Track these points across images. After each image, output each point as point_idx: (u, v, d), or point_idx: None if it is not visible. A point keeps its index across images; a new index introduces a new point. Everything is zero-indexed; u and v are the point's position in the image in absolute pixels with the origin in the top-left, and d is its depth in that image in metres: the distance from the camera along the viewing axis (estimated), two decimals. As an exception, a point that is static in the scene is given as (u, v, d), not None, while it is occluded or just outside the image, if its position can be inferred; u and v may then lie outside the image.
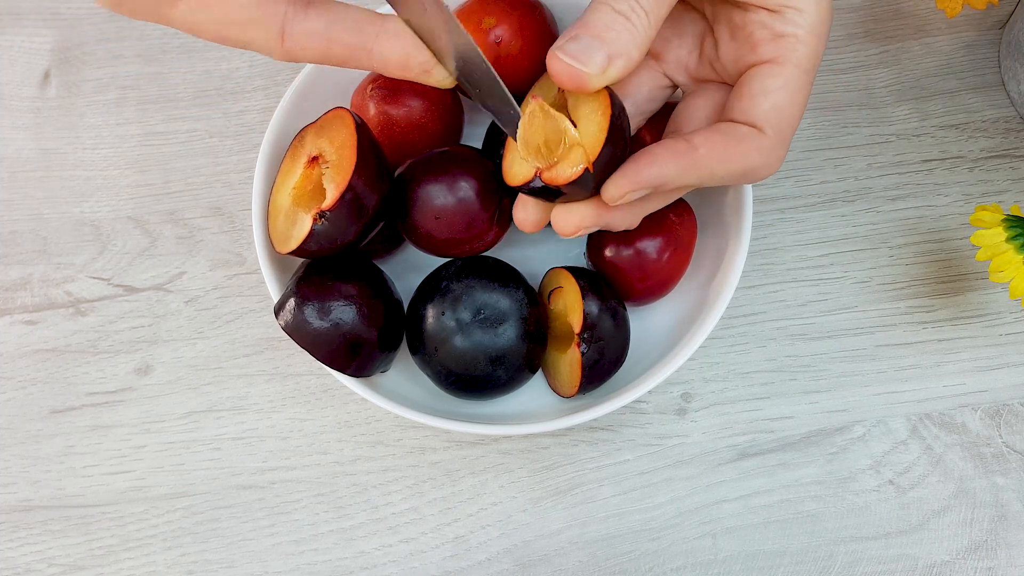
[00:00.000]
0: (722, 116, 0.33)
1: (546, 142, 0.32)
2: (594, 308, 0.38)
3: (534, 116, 0.32)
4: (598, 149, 0.30)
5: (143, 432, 0.44)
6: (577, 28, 0.29)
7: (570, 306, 0.38)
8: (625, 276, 0.40)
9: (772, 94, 0.31)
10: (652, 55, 0.36)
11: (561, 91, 0.33)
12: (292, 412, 0.44)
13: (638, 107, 0.36)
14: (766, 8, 0.30)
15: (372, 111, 0.41)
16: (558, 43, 0.29)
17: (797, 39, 0.30)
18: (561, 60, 0.28)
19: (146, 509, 0.42)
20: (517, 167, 0.33)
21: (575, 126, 0.31)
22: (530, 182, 0.32)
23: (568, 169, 0.31)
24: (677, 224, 0.40)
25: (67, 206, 0.48)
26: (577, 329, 0.37)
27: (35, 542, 0.42)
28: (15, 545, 0.42)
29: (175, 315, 0.45)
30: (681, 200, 0.41)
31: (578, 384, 0.38)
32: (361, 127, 0.35)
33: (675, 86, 0.37)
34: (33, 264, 0.47)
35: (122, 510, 0.42)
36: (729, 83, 0.34)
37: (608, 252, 0.40)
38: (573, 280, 0.38)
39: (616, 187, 0.30)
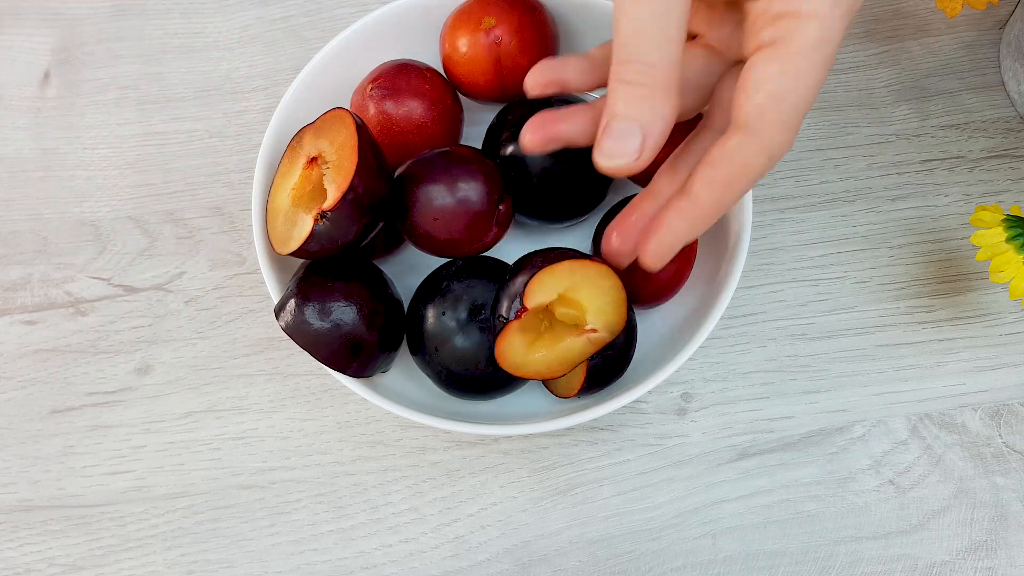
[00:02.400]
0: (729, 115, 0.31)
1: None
2: None
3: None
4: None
5: (143, 432, 0.44)
6: (604, 116, 0.29)
7: None
8: (631, 280, 0.40)
9: (767, 84, 0.28)
10: (691, 34, 0.35)
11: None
12: (292, 412, 0.44)
13: (694, 84, 0.35)
14: None
15: (372, 111, 0.41)
16: (597, 142, 0.30)
17: (798, 18, 0.28)
18: (603, 164, 0.30)
19: (146, 509, 0.42)
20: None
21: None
22: None
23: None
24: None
25: (67, 206, 0.48)
26: None
27: (35, 542, 0.42)
28: (15, 545, 0.42)
29: (175, 315, 0.45)
30: None
31: (578, 388, 0.38)
32: (361, 127, 0.35)
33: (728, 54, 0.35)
34: (33, 264, 0.47)
35: (122, 510, 0.42)
36: None
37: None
38: None
39: (653, 263, 0.32)
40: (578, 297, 0.35)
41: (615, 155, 0.29)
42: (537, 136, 0.33)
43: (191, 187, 0.48)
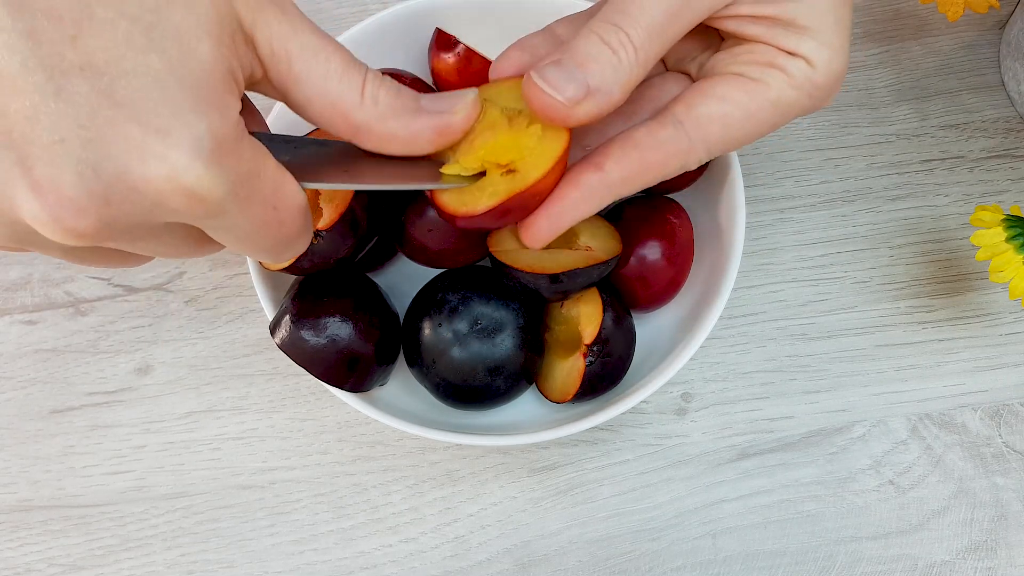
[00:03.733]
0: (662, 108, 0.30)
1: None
2: (610, 323, 0.37)
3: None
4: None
5: (143, 432, 0.44)
6: (561, 52, 0.27)
7: (586, 316, 0.38)
8: (630, 286, 0.40)
9: (728, 104, 0.28)
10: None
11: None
12: (292, 412, 0.44)
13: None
14: (781, 49, 0.28)
15: None
16: (539, 65, 0.27)
17: (791, 80, 0.28)
18: (535, 85, 0.26)
19: (146, 509, 0.42)
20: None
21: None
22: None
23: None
24: (677, 225, 0.40)
25: (67, 206, 0.48)
26: (588, 341, 0.37)
27: (35, 542, 0.42)
28: (15, 545, 0.42)
29: (175, 315, 0.45)
30: (676, 204, 0.41)
31: (573, 393, 0.38)
32: None
33: None
34: (33, 264, 0.47)
35: (122, 510, 0.42)
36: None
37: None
38: (596, 290, 0.38)
39: (537, 238, 0.29)
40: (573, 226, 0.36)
41: (549, 85, 0.26)
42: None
43: (191, 187, 0.48)
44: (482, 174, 0.28)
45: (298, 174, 0.26)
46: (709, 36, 0.31)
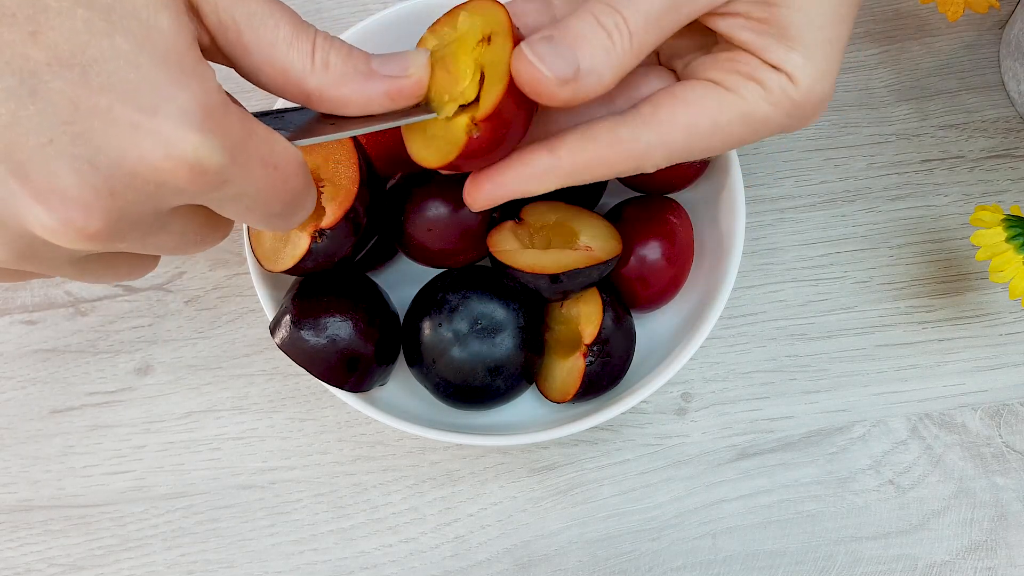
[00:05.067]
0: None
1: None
2: (610, 323, 0.37)
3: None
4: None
5: (143, 432, 0.44)
6: (554, 28, 0.26)
7: (585, 315, 0.38)
8: (630, 286, 0.40)
9: (696, 111, 0.27)
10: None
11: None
12: (292, 412, 0.44)
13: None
14: (766, 61, 0.27)
15: None
16: (531, 38, 0.26)
17: (768, 95, 0.27)
18: (526, 59, 0.25)
19: (146, 509, 0.42)
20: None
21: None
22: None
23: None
24: (677, 225, 0.40)
25: (67, 206, 0.48)
26: (588, 340, 0.37)
27: (35, 542, 0.42)
28: (15, 545, 0.42)
29: (175, 315, 0.45)
30: (676, 204, 0.41)
31: (573, 393, 0.38)
32: (358, 143, 0.35)
33: None
34: (33, 264, 0.47)
35: (122, 510, 0.42)
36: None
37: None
38: (596, 290, 0.38)
39: (476, 199, 0.28)
40: (573, 226, 0.38)
41: (540, 60, 0.25)
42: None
43: (191, 187, 0.48)
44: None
45: (287, 135, 0.26)
46: (704, 36, 0.30)
